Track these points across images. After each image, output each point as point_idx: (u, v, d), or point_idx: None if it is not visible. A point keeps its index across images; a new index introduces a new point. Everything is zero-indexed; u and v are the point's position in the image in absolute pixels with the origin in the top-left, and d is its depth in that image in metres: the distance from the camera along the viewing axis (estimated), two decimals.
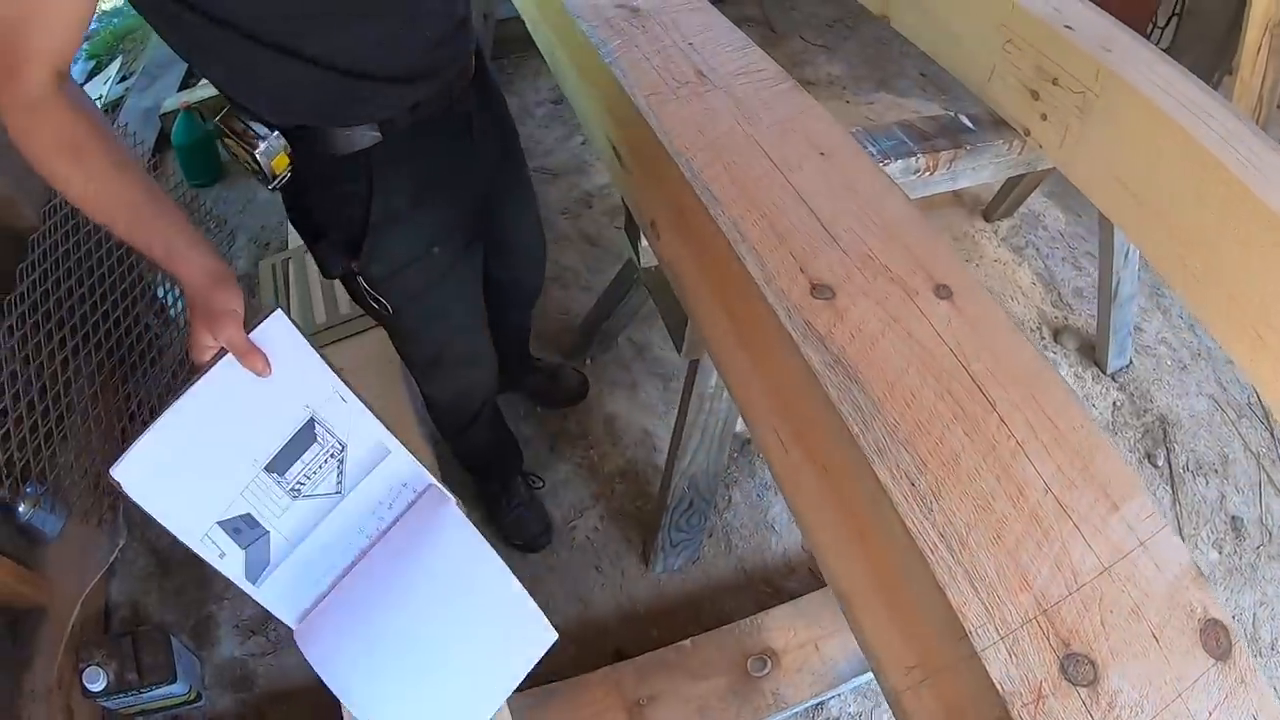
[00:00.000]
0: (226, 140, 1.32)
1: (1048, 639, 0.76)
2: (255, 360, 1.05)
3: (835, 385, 0.93)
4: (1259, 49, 3.90)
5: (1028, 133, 1.80)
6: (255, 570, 1.13)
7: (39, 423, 2.14)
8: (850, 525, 0.97)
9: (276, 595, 1.15)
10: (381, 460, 1.18)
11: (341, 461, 1.15)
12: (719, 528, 2.40)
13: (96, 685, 1.93)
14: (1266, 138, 1.48)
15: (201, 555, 1.09)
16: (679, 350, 1.68)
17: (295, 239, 2.56)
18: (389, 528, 1.20)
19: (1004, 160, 1.90)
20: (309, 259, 2.41)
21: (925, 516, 0.82)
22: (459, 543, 1.20)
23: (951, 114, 1.96)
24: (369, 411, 1.16)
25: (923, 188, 1.97)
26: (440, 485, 1.22)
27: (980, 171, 1.97)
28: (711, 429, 1.86)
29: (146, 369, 2.66)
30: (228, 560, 1.11)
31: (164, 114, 3.90)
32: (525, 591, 1.18)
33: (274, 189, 1.36)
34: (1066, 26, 1.65)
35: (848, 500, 0.96)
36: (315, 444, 1.13)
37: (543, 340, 2.83)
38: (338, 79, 1.21)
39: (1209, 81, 4.58)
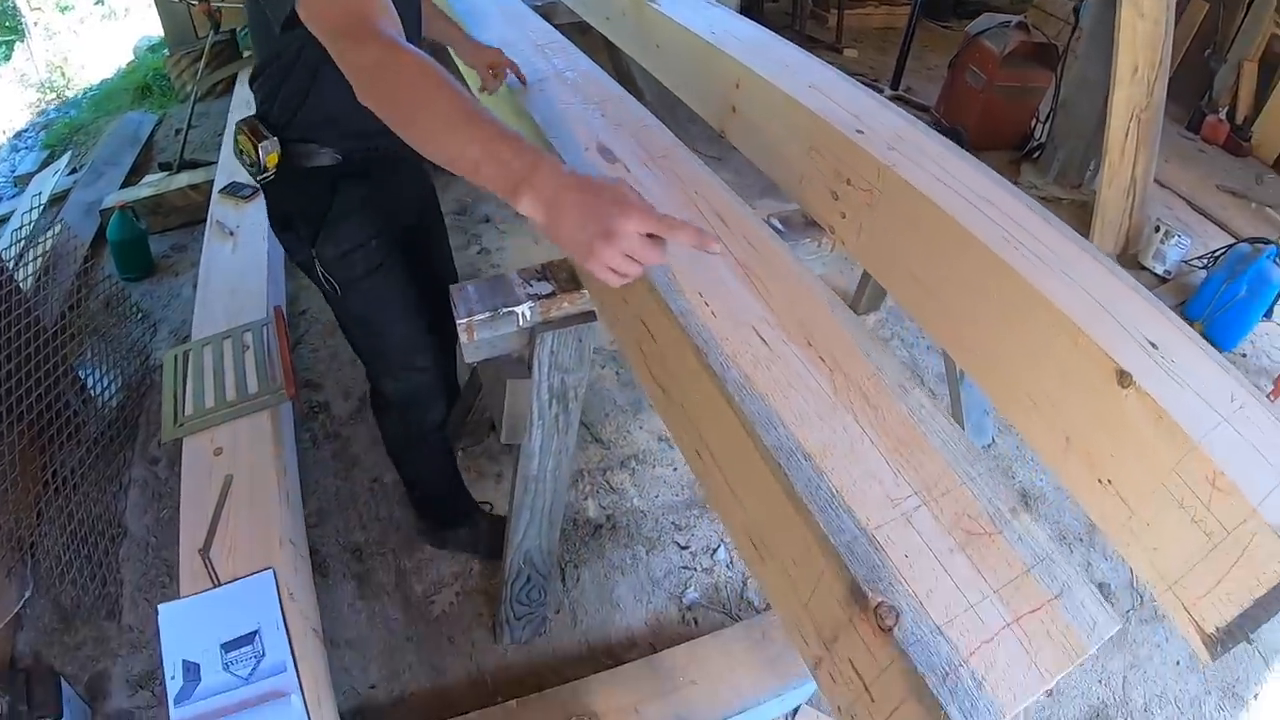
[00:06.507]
0: (240, 137, 1.85)
1: None
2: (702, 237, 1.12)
3: None
4: (1126, 135, 4.23)
5: (832, 230, 1.93)
6: (183, 695, 1.76)
7: None
8: None
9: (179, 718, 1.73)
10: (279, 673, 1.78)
11: (259, 660, 1.79)
12: (566, 605, 2.59)
13: None
14: (1051, 219, 1.62)
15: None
16: (499, 438, 1.89)
17: (200, 332, 2.77)
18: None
19: (816, 256, 2.04)
20: (207, 350, 2.62)
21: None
22: None
23: (764, 218, 2.15)
24: (289, 645, 1.81)
25: None
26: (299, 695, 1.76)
27: None
28: (539, 508, 2.06)
29: (63, 442, 2.86)
30: (175, 681, 1.76)
31: (103, 209, 4.17)
32: None
33: (261, 180, 1.88)
34: (858, 131, 1.82)
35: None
36: (250, 645, 1.81)
37: None
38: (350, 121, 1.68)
39: (1085, 168, 4.94)
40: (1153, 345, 1.32)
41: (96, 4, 9.32)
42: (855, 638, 0.99)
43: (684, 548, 2.83)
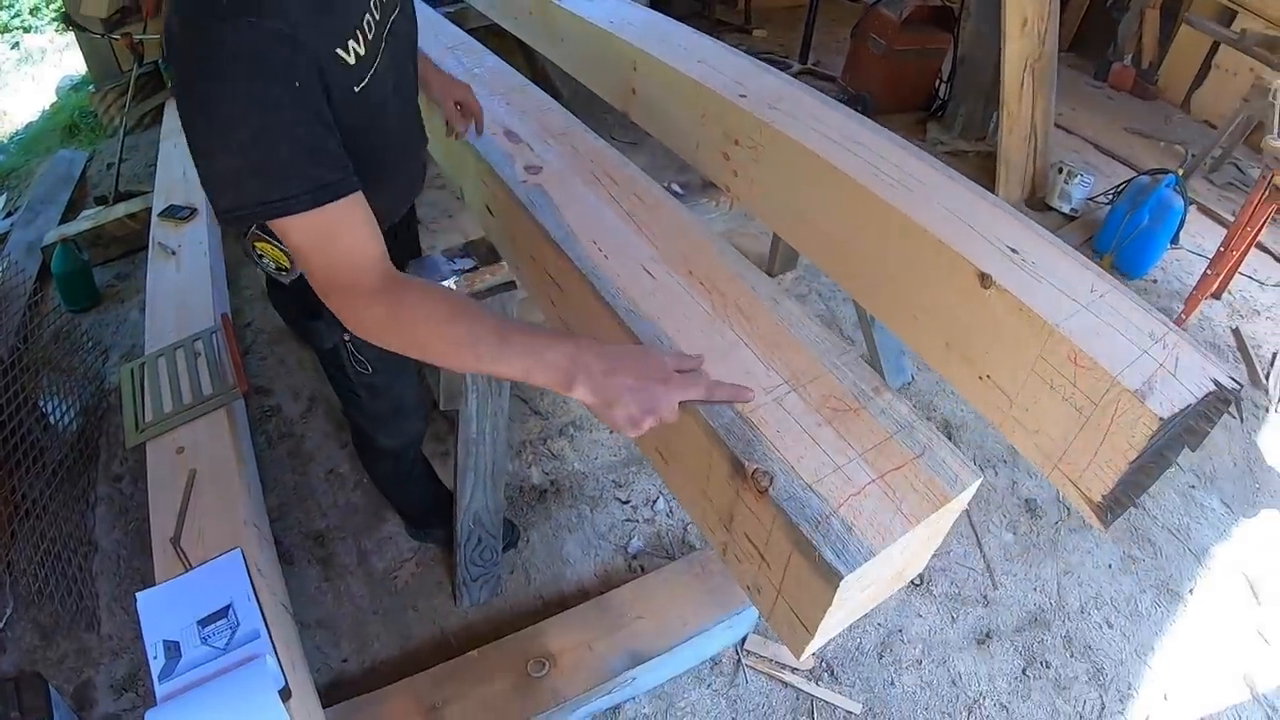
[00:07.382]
0: (264, 246, 1.59)
1: None
2: (736, 391, 1.21)
3: None
4: (1021, 85, 4.48)
5: (728, 188, 2.09)
6: (166, 672, 1.77)
7: None
8: None
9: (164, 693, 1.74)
10: (253, 639, 1.83)
11: (234, 630, 1.83)
12: (519, 565, 2.74)
13: None
14: (913, 149, 1.77)
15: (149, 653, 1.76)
16: (439, 404, 2.03)
17: (151, 347, 2.88)
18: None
19: (716, 215, 2.21)
20: (161, 360, 2.73)
21: None
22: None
23: (665, 185, 2.25)
24: (260, 613, 1.85)
25: None
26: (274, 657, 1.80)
27: None
28: (482, 469, 2.21)
29: (30, 466, 2.96)
30: (157, 660, 1.76)
31: (45, 246, 4.25)
32: None
33: (291, 280, 1.62)
34: (741, 95, 1.97)
35: None
36: (225, 618, 1.84)
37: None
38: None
39: (988, 121, 5.15)
40: (1013, 250, 1.48)
41: (12, 49, 9.25)
42: (744, 509, 1.15)
43: (625, 502, 2.99)
